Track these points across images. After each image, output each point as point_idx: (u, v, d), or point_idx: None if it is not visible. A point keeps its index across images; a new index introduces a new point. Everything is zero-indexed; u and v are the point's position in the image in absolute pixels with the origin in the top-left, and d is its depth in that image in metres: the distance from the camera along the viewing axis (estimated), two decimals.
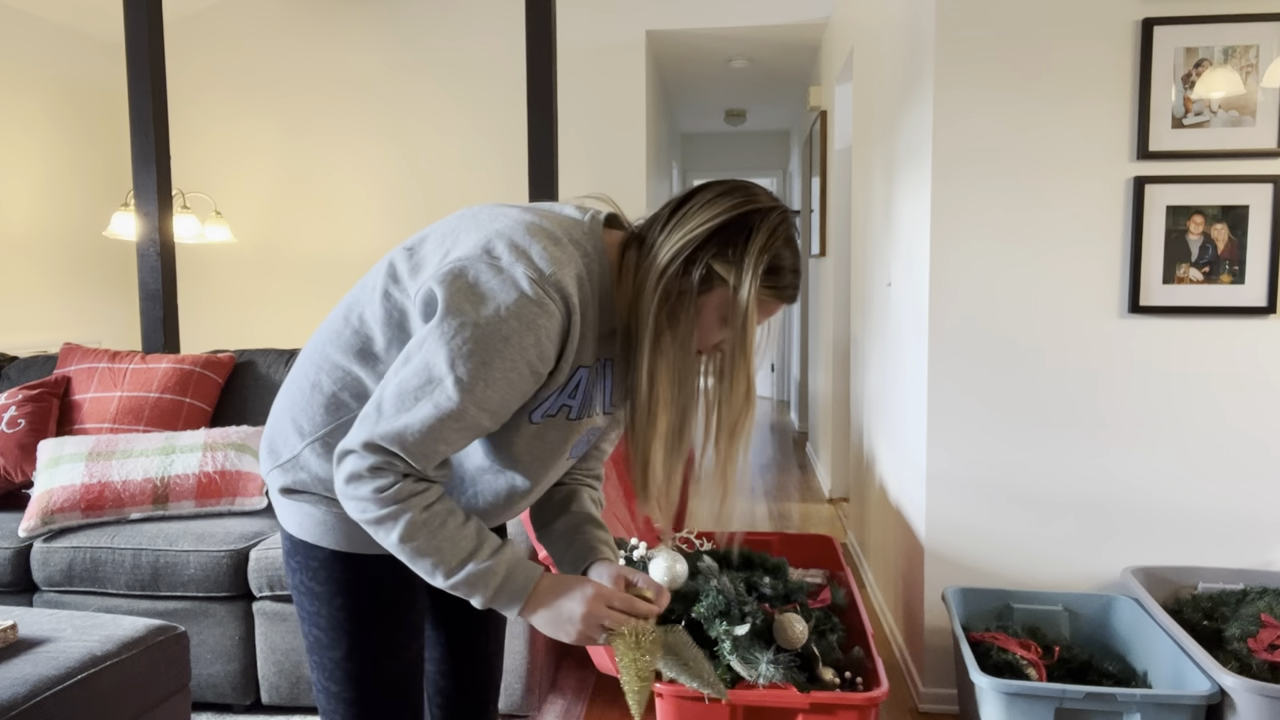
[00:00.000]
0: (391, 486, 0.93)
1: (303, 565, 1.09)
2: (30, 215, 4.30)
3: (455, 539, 0.97)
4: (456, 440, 0.95)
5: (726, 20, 4.49)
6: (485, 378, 0.91)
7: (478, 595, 0.98)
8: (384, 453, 0.93)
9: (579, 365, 1.00)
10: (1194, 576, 2.12)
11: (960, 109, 2.15)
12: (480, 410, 0.93)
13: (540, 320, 0.91)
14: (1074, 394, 2.17)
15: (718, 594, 1.90)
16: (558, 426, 1.03)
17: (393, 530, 0.95)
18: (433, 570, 0.97)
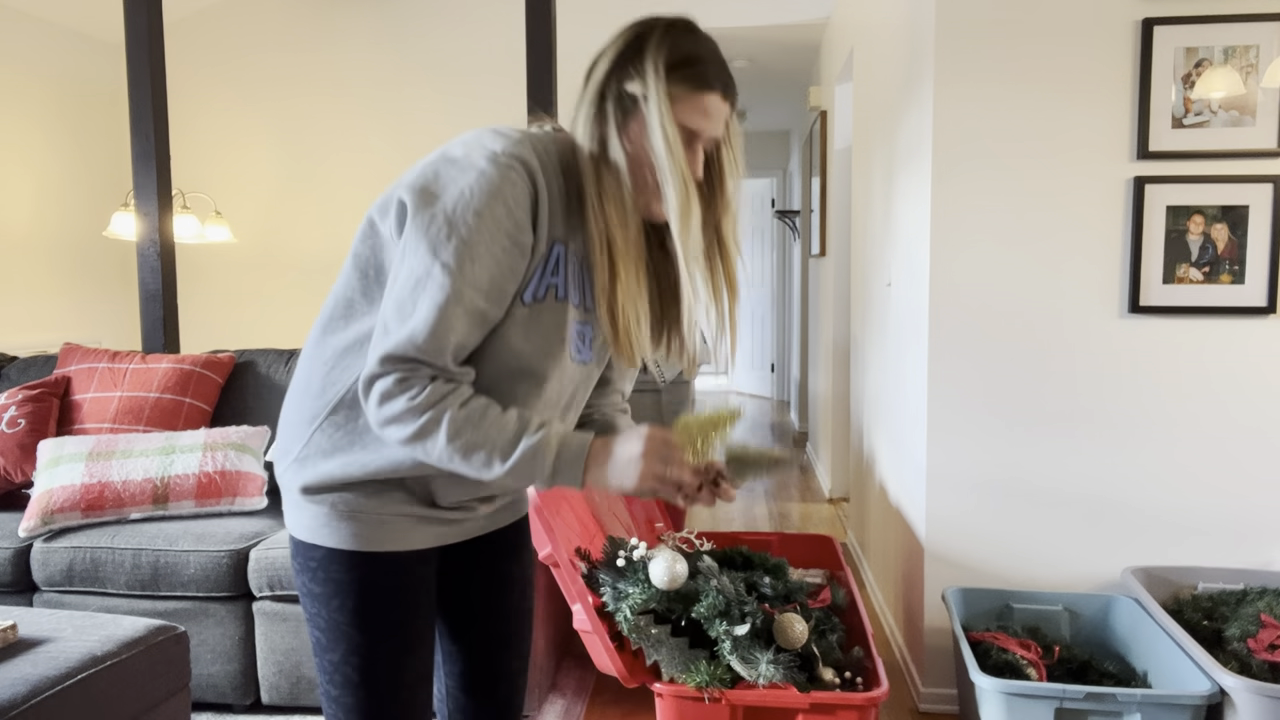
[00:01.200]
0: (422, 392, 0.94)
1: (303, 566, 1.08)
2: (31, 215, 4.30)
3: (501, 424, 0.96)
4: (464, 329, 0.95)
5: (726, 20, 4.49)
6: (470, 255, 0.92)
7: (538, 472, 0.96)
8: (403, 361, 0.94)
9: (554, 239, 1.00)
10: (1194, 576, 2.12)
11: (960, 109, 2.15)
12: (475, 290, 0.93)
13: (505, 188, 0.93)
14: (1074, 394, 2.17)
15: (718, 594, 1.90)
16: (550, 310, 1.01)
17: (438, 435, 0.94)
18: (488, 461, 0.95)
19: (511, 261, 0.95)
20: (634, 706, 2.31)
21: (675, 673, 1.82)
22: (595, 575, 1.95)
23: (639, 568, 1.94)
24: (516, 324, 0.99)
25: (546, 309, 1.01)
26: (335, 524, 1.06)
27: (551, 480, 0.97)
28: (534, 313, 1.00)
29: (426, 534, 1.09)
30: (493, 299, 0.96)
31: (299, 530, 1.08)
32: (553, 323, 1.02)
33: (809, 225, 5.52)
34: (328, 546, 1.06)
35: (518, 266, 0.96)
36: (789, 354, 7.42)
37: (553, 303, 1.01)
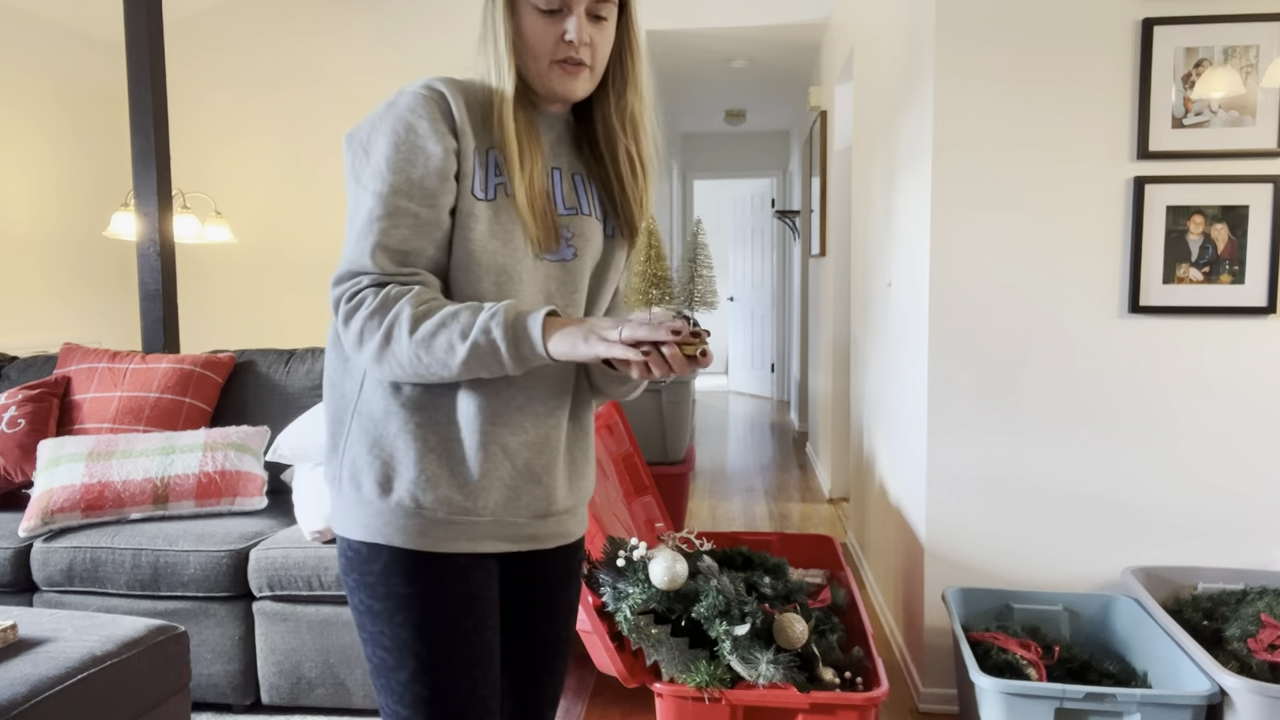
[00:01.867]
0: (378, 296, 0.97)
1: (360, 582, 1.05)
2: (30, 215, 4.30)
3: (458, 311, 0.97)
4: (401, 234, 0.98)
5: (726, 20, 4.49)
6: (386, 165, 0.99)
7: (501, 342, 0.95)
8: (349, 278, 0.99)
9: (482, 144, 1.03)
10: (1194, 576, 2.12)
11: (960, 109, 2.15)
12: (398, 195, 0.98)
13: (412, 104, 1.01)
14: (1074, 394, 2.17)
15: (718, 594, 1.90)
16: (506, 208, 1.03)
17: (401, 333, 0.96)
18: (451, 346, 0.96)
19: (430, 162, 0.99)
20: (634, 706, 2.32)
21: (675, 673, 1.82)
22: (595, 575, 1.95)
23: (639, 568, 1.94)
24: (482, 221, 1.02)
25: (503, 207, 1.03)
26: (401, 519, 1.04)
27: (514, 352, 0.96)
28: (495, 210, 1.03)
29: (486, 534, 1.07)
30: (419, 199, 0.99)
31: (357, 528, 1.05)
32: (510, 219, 1.04)
33: (809, 225, 5.52)
34: (389, 546, 1.03)
35: (442, 167, 0.99)
36: (789, 354, 7.42)
37: (503, 199, 1.03)
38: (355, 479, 1.05)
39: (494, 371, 0.98)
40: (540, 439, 1.08)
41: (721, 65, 5.39)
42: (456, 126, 1.01)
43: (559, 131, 1.12)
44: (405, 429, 1.04)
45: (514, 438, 1.06)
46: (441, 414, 1.04)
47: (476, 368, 0.97)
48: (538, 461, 1.09)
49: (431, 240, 1.01)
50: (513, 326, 0.95)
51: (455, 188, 1.01)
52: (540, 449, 1.09)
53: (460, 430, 1.04)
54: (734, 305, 8.50)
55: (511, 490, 1.07)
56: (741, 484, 4.85)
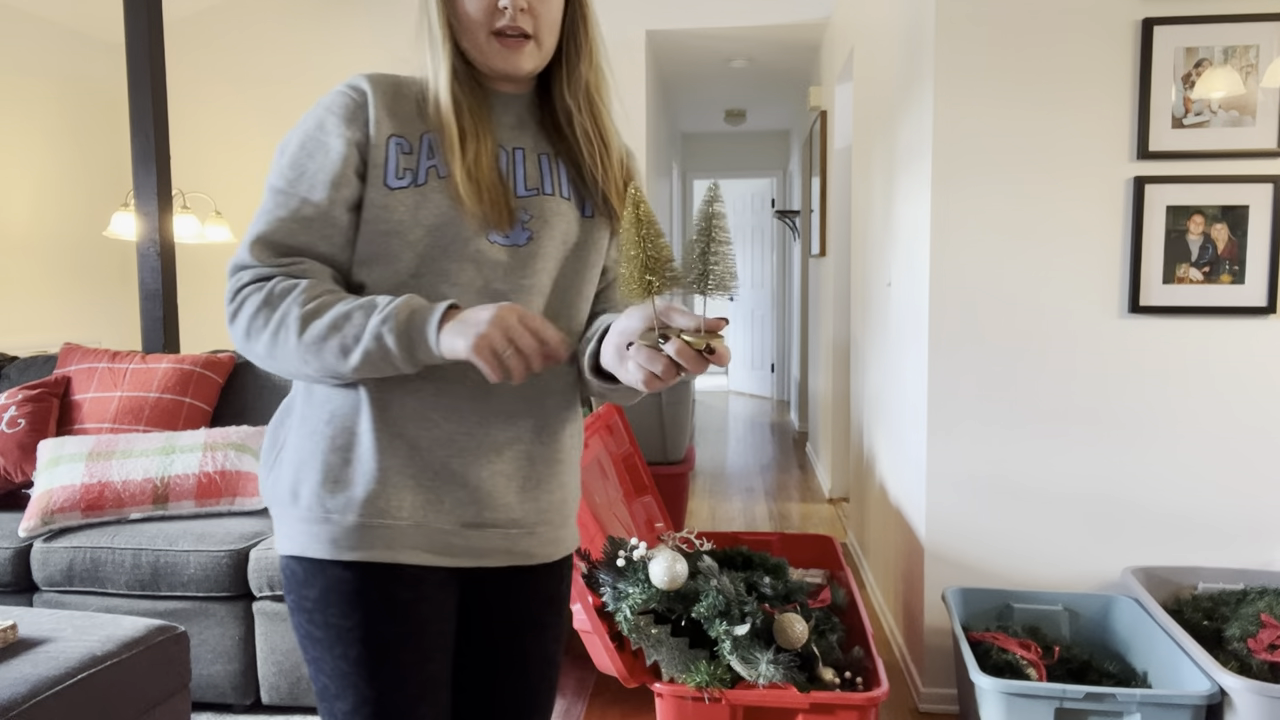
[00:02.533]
0: (261, 292, 0.93)
1: (298, 605, 0.99)
2: (30, 215, 4.30)
3: (350, 312, 0.92)
4: (293, 229, 0.96)
5: (726, 20, 4.49)
6: (290, 156, 0.98)
7: (395, 348, 0.89)
8: (237, 271, 0.96)
9: (398, 134, 0.98)
10: (1194, 576, 2.12)
11: (960, 109, 2.15)
12: (291, 188, 0.97)
13: (330, 100, 0.99)
14: (1074, 394, 2.17)
15: (718, 594, 1.90)
16: (437, 192, 0.97)
17: (288, 335, 0.91)
18: (343, 351, 0.91)
19: (328, 157, 0.96)
20: (634, 706, 2.32)
21: (675, 673, 1.82)
22: (595, 575, 1.95)
23: (639, 568, 1.94)
24: (399, 210, 0.96)
25: (434, 191, 0.97)
26: (309, 528, 0.97)
27: (409, 353, 0.90)
28: (422, 195, 0.97)
29: (408, 542, 0.98)
30: (309, 193, 0.96)
31: (281, 541, 1.00)
32: (442, 203, 0.98)
33: (809, 225, 5.52)
34: (311, 559, 0.97)
35: (339, 163, 0.96)
36: (789, 354, 7.42)
37: (435, 182, 0.98)
38: (276, 488, 1.01)
39: (392, 373, 0.94)
40: (461, 435, 0.99)
41: (721, 65, 5.39)
42: (369, 118, 0.97)
43: (520, 112, 1.06)
44: (310, 428, 1.00)
45: (422, 431, 0.98)
46: (345, 408, 0.99)
47: (372, 371, 0.93)
48: (458, 461, 0.99)
49: (320, 236, 0.97)
50: (406, 330, 0.89)
51: (356, 184, 0.97)
52: (462, 447, 0.99)
53: (360, 423, 0.98)
54: (734, 305, 8.50)
55: (429, 491, 0.98)
56: (741, 484, 4.85)
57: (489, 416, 1.01)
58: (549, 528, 1.08)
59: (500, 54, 0.99)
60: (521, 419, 1.03)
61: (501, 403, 1.01)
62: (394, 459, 0.97)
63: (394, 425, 0.98)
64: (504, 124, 1.04)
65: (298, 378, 0.97)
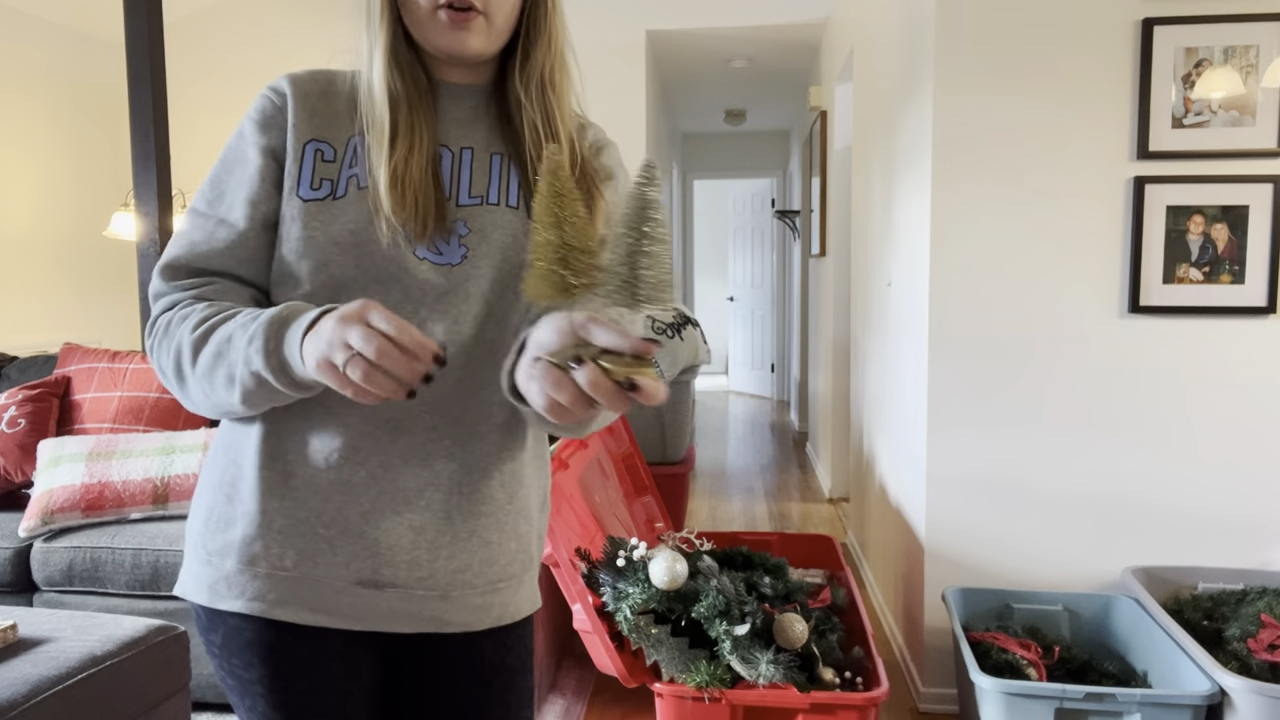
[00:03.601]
0: (163, 322, 0.85)
1: (208, 648, 0.90)
2: (31, 215, 4.30)
3: (231, 335, 0.79)
4: (205, 252, 0.86)
5: (726, 20, 4.49)
6: (211, 172, 0.90)
7: (269, 375, 0.76)
8: (155, 298, 0.87)
9: (319, 138, 0.87)
10: (1194, 576, 2.12)
11: (960, 109, 2.15)
12: (208, 206, 0.87)
13: (252, 106, 0.89)
14: (1074, 394, 2.17)
15: (718, 594, 1.90)
16: (353, 204, 0.85)
17: (185, 365, 0.81)
18: (230, 382, 0.79)
19: (245, 169, 0.87)
20: (634, 706, 2.32)
21: (675, 673, 1.82)
22: (595, 575, 1.95)
23: (639, 568, 1.94)
24: (315, 223, 0.84)
25: (351, 204, 0.85)
26: (193, 568, 0.88)
27: (285, 375, 0.76)
28: (338, 209, 0.84)
29: (292, 597, 0.85)
30: (224, 210, 0.86)
31: (181, 584, 0.90)
32: (360, 217, 0.84)
33: (809, 225, 5.52)
34: (194, 602, 0.88)
35: (255, 173, 0.86)
36: (789, 354, 7.42)
37: (355, 193, 0.85)
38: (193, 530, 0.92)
39: (287, 401, 0.82)
40: (362, 480, 0.84)
41: (721, 65, 5.39)
42: (287, 123, 0.87)
43: (474, 105, 0.92)
44: (210, 460, 0.91)
45: (316, 472, 0.84)
46: (238, 440, 0.88)
47: (265, 403, 0.81)
48: (355, 508, 0.84)
49: (238, 260, 0.86)
50: (276, 350, 0.76)
51: (275, 197, 0.87)
52: (360, 494, 0.84)
53: (246, 458, 0.86)
54: (734, 305, 8.50)
55: (321, 540, 0.84)
56: (741, 484, 4.85)
57: (396, 459, 0.85)
58: (470, 592, 0.89)
59: (445, 32, 0.85)
60: (438, 462, 0.87)
61: (414, 442, 0.86)
62: (280, 501, 0.85)
63: (283, 463, 0.85)
64: (452, 118, 0.91)
65: (231, 418, 0.88)
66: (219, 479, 0.88)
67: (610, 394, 0.64)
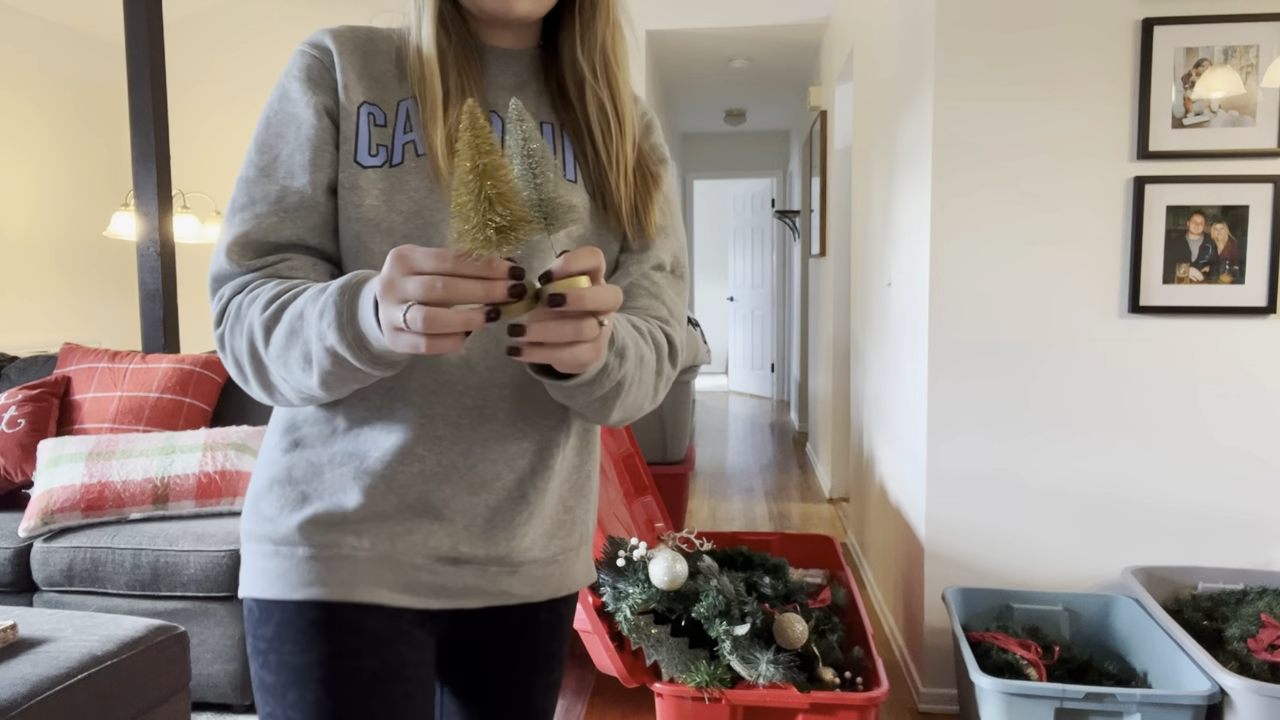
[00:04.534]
0: (235, 307, 0.78)
1: (253, 649, 0.84)
2: (30, 215, 4.30)
3: (303, 311, 0.72)
4: (275, 223, 0.79)
5: (726, 20, 4.49)
6: (256, 139, 0.82)
7: (347, 352, 0.70)
8: (216, 286, 0.80)
9: (371, 101, 0.82)
10: (1194, 576, 2.12)
11: (960, 109, 2.15)
12: (264, 176, 0.80)
13: (291, 65, 0.82)
14: (1074, 394, 2.17)
15: (718, 594, 1.90)
16: (414, 174, 0.80)
17: (260, 352, 0.75)
18: (306, 364, 0.73)
19: (301, 131, 0.80)
20: (634, 706, 2.32)
21: (675, 673, 1.82)
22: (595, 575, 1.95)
23: (639, 568, 1.94)
24: (371, 194, 0.80)
25: (410, 173, 0.80)
26: (257, 563, 0.84)
27: (362, 350, 0.70)
28: (398, 177, 0.80)
29: (369, 576, 0.82)
30: (287, 177, 0.80)
31: (246, 584, 0.85)
32: (422, 186, 0.80)
33: (809, 225, 5.52)
34: (276, 599, 0.82)
35: (315, 134, 0.80)
36: (789, 354, 7.42)
37: (413, 161, 0.81)
38: (243, 518, 0.88)
39: (372, 380, 0.76)
40: (443, 468, 0.83)
41: (721, 65, 5.39)
42: (337, 81, 0.81)
43: (520, 72, 0.88)
44: (269, 454, 0.86)
45: (398, 466, 0.82)
46: (310, 433, 0.84)
47: (347, 386, 0.75)
48: (437, 494, 0.83)
49: (307, 226, 0.80)
50: (350, 322, 0.69)
51: (335, 157, 0.81)
52: (443, 480, 0.83)
53: (321, 454, 0.83)
54: (734, 305, 8.50)
55: (397, 522, 0.83)
56: (741, 484, 4.85)
57: (477, 446, 0.84)
58: (534, 565, 0.89)
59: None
60: (513, 444, 0.85)
61: (495, 429, 0.84)
62: (356, 491, 0.82)
63: (359, 457, 0.82)
64: (499, 85, 0.86)
65: (316, 404, 0.82)
66: (285, 470, 0.83)
67: (547, 320, 0.64)
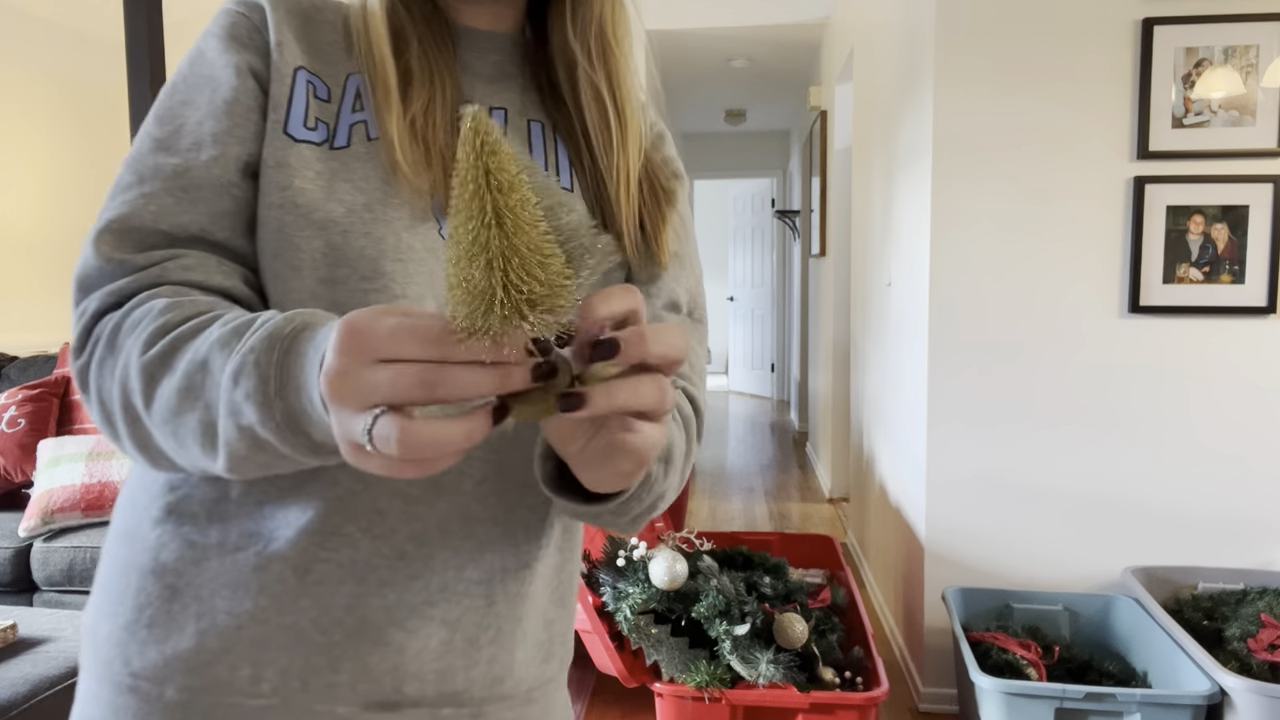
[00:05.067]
0: (105, 331, 0.55)
1: None
2: (31, 215, 4.31)
3: (206, 360, 0.50)
4: (168, 204, 0.58)
5: (726, 20, 4.49)
6: (156, 109, 0.63)
7: (269, 433, 0.47)
8: (80, 297, 0.57)
9: (311, 70, 0.63)
10: (1194, 576, 2.12)
11: (960, 109, 2.15)
12: (161, 149, 0.59)
13: (212, 23, 0.65)
14: (1074, 394, 2.17)
15: (718, 594, 1.90)
16: (363, 160, 0.61)
17: (137, 403, 0.51)
18: (204, 436, 0.50)
19: (217, 93, 0.61)
20: (634, 706, 2.32)
21: (675, 673, 1.82)
22: (595, 575, 1.96)
23: (639, 568, 1.94)
24: (310, 173, 0.59)
25: (357, 157, 0.61)
26: (127, 698, 0.58)
27: (290, 431, 0.47)
28: (333, 161, 0.61)
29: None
30: (191, 149, 0.59)
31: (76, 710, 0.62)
32: (374, 176, 0.61)
33: (809, 225, 5.52)
34: None
35: (233, 96, 0.61)
36: (789, 354, 7.42)
37: (364, 146, 0.62)
38: (85, 614, 0.64)
39: (305, 468, 0.52)
40: (386, 559, 0.58)
41: (721, 65, 5.39)
42: (269, 40, 0.63)
43: (501, 61, 0.70)
44: (125, 531, 0.62)
45: (319, 551, 0.57)
46: (191, 498, 0.59)
47: (265, 472, 0.51)
48: (372, 601, 0.58)
49: (213, 211, 0.59)
50: (281, 394, 0.46)
51: (261, 130, 0.61)
52: (380, 578, 0.58)
53: (209, 528, 0.58)
54: (734, 305, 8.50)
55: (319, 652, 0.57)
56: (741, 484, 4.85)
57: (434, 528, 0.60)
58: (504, 705, 0.64)
59: None
60: (481, 527, 0.61)
61: (457, 503, 0.60)
62: (258, 597, 0.57)
63: (268, 541, 0.57)
64: (475, 72, 0.69)
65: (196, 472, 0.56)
66: (151, 553, 0.58)
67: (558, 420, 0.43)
